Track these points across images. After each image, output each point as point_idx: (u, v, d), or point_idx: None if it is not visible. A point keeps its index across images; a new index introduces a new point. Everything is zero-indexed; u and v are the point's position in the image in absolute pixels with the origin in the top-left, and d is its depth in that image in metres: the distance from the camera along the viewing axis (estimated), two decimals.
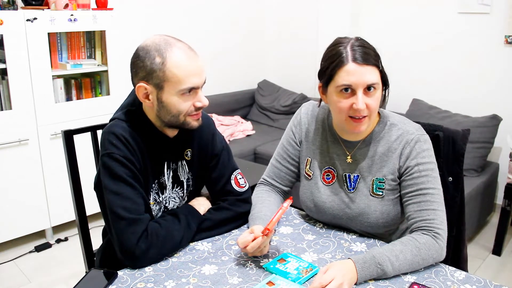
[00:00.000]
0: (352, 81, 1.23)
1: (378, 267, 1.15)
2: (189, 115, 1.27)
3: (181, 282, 1.15)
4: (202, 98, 1.27)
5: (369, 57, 1.24)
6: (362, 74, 1.23)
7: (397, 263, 1.17)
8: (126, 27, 3.12)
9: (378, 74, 1.26)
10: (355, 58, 1.23)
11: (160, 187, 1.36)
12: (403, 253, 1.18)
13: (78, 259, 2.37)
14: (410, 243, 1.21)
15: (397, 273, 1.18)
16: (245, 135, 3.88)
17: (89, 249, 1.62)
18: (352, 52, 1.24)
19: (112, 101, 2.99)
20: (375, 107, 1.28)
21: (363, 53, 1.23)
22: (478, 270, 2.65)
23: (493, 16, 3.16)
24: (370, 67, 1.23)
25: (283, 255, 1.26)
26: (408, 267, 1.18)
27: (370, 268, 1.15)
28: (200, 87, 1.25)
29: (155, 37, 1.24)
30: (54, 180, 2.83)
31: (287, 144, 1.51)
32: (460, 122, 3.09)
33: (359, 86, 1.23)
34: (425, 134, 1.34)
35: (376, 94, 1.26)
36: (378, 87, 1.26)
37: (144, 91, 1.24)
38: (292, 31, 4.33)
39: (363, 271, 1.14)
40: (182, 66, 1.20)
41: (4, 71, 2.59)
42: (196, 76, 1.23)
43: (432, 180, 1.29)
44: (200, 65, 1.24)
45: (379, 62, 1.26)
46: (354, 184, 1.38)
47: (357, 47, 1.25)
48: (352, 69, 1.23)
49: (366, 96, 1.25)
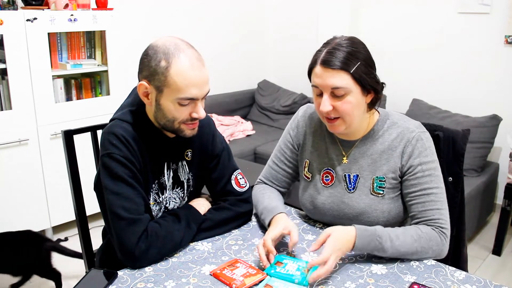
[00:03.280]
0: (317, 83, 1.27)
1: (377, 239, 1.20)
2: (184, 123, 1.26)
3: (181, 282, 1.15)
4: (199, 110, 1.24)
5: (335, 61, 1.23)
6: (326, 77, 1.24)
7: (397, 242, 1.21)
8: (126, 27, 3.12)
9: (348, 78, 1.23)
10: (322, 61, 1.25)
11: (160, 187, 1.36)
12: (404, 235, 1.23)
13: (78, 259, 2.37)
14: (412, 229, 1.25)
15: (395, 254, 1.22)
16: (245, 135, 3.88)
17: (89, 249, 1.62)
18: (324, 55, 1.25)
19: (112, 101, 2.99)
20: (346, 110, 1.26)
21: (332, 57, 1.23)
22: (478, 270, 2.65)
23: (493, 16, 3.16)
24: (336, 72, 1.23)
25: (277, 257, 1.24)
26: (406, 250, 1.22)
27: (369, 237, 1.20)
28: (200, 98, 1.23)
29: (167, 38, 1.23)
30: (54, 180, 2.83)
31: (284, 146, 1.52)
32: (460, 122, 3.09)
33: (324, 88, 1.26)
34: (426, 132, 1.35)
35: (347, 98, 1.25)
36: (348, 92, 1.24)
37: (144, 89, 1.24)
38: (292, 31, 4.33)
39: (362, 239, 1.19)
40: (185, 75, 1.18)
41: (4, 71, 2.59)
42: (196, 88, 1.20)
43: (435, 179, 1.30)
44: (204, 77, 1.22)
45: (353, 67, 1.23)
46: (354, 183, 1.38)
47: (331, 50, 1.25)
48: (318, 72, 1.26)
49: (334, 99, 1.26)
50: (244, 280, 1.14)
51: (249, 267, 1.20)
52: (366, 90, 1.28)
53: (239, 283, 1.13)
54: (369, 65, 1.27)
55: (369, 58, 1.28)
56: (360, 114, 1.31)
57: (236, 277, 1.15)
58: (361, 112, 1.31)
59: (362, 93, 1.27)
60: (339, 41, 1.27)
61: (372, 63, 1.30)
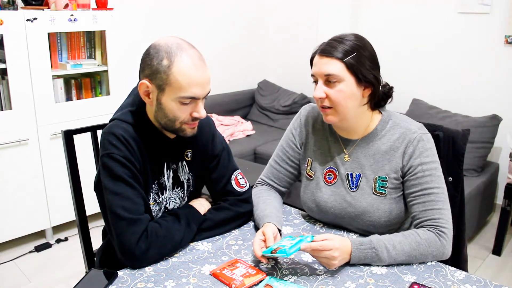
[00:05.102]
0: (314, 71, 1.32)
1: (373, 251, 1.20)
2: (185, 123, 1.26)
3: (181, 282, 1.15)
4: (200, 110, 1.25)
5: (332, 50, 1.27)
6: (321, 65, 1.29)
7: (394, 252, 1.21)
8: (126, 27, 3.12)
9: (342, 67, 1.27)
10: (321, 50, 1.30)
11: (160, 187, 1.36)
12: (401, 244, 1.22)
13: (78, 259, 2.37)
14: (411, 237, 1.24)
15: (393, 262, 1.21)
16: (245, 135, 3.88)
17: (89, 249, 1.62)
18: (324, 45, 1.31)
19: (112, 101, 2.99)
20: (338, 99, 1.28)
21: (329, 46, 1.29)
22: (478, 270, 2.65)
23: (493, 16, 3.16)
24: (331, 59, 1.27)
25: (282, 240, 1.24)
26: (404, 258, 1.22)
27: (365, 250, 1.20)
28: (201, 98, 1.24)
29: (169, 38, 1.23)
30: (54, 180, 2.83)
31: (286, 146, 1.52)
32: (460, 122, 3.09)
33: (318, 76, 1.30)
34: (427, 133, 1.35)
35: (339, 86, 1.28)
36: (340, 80, 1.27)
37: (145, 88, 1.24)
38: (292, 32, 4.33)
39: (358, 252, 1.20)
40: (187, 74, 1.19)
41: (4, 71, 2.59)
42: (198, 87, 1.21)
43: (436, 179, 1.30)
44: (205, 76, 1.23)
45: (347, 57, 1.26)
46: (356, 183, 1.38)
47: (332, 41, 1.30)
48: (316, 60, 1.32)
49: (327, 87, 1.29)
50: (244, 280, 1.14)
51: (249, 267, 1.20)
52: (362, 82, 1.29)
53: (239, 283, 1.13)
54: (368, 60, 1.29)
55: (371, 54, 1.31)
56: (355, 107, 1.31)
57: (236, 277, 1.15)
58: (356, 105, 1.31)
59: (357, 85, 1.29)
60: (344, 35, 1.31)
61: (375, 60, 1.32)
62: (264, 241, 1.24)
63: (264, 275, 1.17)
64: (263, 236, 1.25)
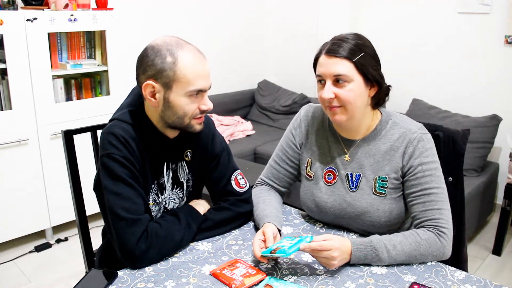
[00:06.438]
0: (321, 72, 1.31)
1: (373, 251, 1.20)
2: (194, 118, 1.27)
3: (181, 282, 1.15)
4: (207, 102, 1.28)
5: (339, 50, 1.27)
6: (329, 65, 1.28)
7: (394, 252, 1.21)
8: (126, 27, 3.12)
9: (351, 67, 1.27)
10: (327, 50, 1.29)
11: (160, 187, 1.36)
12: (401, 244, 1.22)
13: (78, 259, 2.37)
14: (411, 237, 1.24)
15: (393, 262, 1.22)
16: (245, 135, 3.88)
17: (89, 249, 1.62)
18: (330, 45, 1.30)
19: (112, 101, 2.99)
20: (348, 98, 1.28)
21: (336, 46, 1.28)
22: (478, 270, 2.65)
23: (493, 16, 3.16)
24: (339, 59, 1.27)
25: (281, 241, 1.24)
26: (404, 258, 1.22)
27: (365, 250, 1.20)
28: (206, 90, 1.27)
29: (165, 37, 1.25)
30: (54, 180, 2.83)
31: (286, 146, 1.52)
32: (460, 122, 3.09)
33: (327, 76, 1.29)
34: (428, 133, 1.35)
35: (348, 86, 1.28)
36: (350, 80, 1.27)
37: (151, 89, 1.24)
38: (292, 32, 4.33)
39: (358, 252, 1.20)
40: (192, 67, 1.21)
41: (4, 71, 2.59)
42: (204, 79, 1.24)
43: (436, 180, 1.30)
44: (207, 69, 1.26)
45: (356, 57, 1.27)
46: (356, 183, 1.38)
47: (337, 41, 1.30)
48: (323, 60, 1.30)
49: (336, 87, 1.29)
50: (243, 280, 1.14)
51: (249, 267, 1.20)
52: (369, 82, 1.30)
53: (239, 283, 1.13)
54: (373, 59, 1.30)
55: (374, 53, 1.32)
56: (363, 106, 1.32)
57: (236, 277, 1.15)
58: (364, 104, 1.32)
59: (365, 84, 1.30)
60: (345, 35, 1.31)
61: (377, 58, 1.33)
62: (264, 241, 1.24)
63: (264, 275, 1.17)
64: (263, 236, 1.25)
